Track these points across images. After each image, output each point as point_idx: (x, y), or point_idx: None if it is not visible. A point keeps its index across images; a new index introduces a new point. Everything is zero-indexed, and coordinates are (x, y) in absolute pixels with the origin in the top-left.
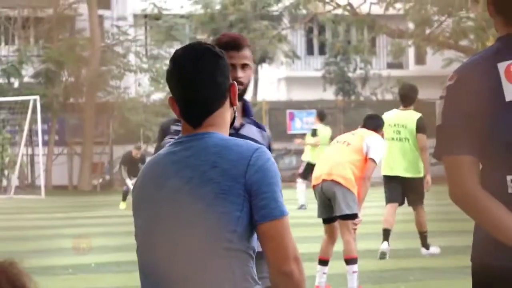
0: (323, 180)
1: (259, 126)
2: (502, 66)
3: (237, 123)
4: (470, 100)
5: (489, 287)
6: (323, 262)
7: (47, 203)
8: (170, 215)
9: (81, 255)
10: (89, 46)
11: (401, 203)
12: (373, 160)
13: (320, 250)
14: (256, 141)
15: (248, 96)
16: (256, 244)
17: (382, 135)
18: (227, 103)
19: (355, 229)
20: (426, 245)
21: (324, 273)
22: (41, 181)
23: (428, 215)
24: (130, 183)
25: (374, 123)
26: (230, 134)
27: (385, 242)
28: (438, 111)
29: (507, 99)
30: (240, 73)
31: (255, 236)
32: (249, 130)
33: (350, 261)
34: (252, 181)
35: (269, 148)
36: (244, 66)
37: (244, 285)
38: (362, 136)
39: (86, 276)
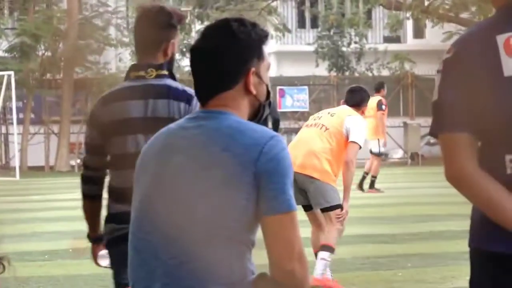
0: (296, 172)
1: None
2: (501, 39)
3: None
4: (468, 75)
5: (487, 274)
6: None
7: (22, 185)
8: (171, 192)
9: (57, 240)
10: (66, 19)
11: None
12: (354, 142)
13: (311, 243)
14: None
15: None
16: (256, 238)
17: (363, 112)
18: (239, 87)
19: (341, 221)
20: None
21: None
22: (15, 162)
23: (425, 198)
24: None
25: (356, 98)
26: None
27: None
28: (435, 86)
29: (506, 74)
30: None
31: (256, 229)
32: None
33: (323, 247)
34: (263, 170)
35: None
36: None
37: (240, 275)
38: (342, 117)
39: (63, 262)
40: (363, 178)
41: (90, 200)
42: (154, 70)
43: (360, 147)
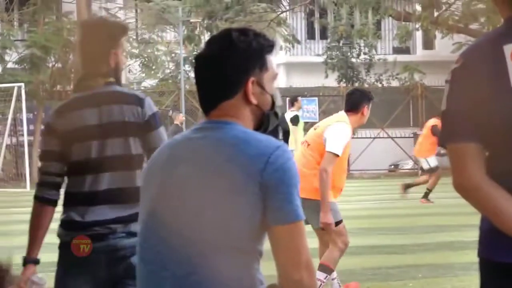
0: None
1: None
2: (508, 49)
3: None
4: (475, 85)
5: (495, 285)
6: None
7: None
8: (177, 203)
9: None
10: (76, 30)
11: None
12: (329, 152)
13: (319, 257)
14: None
15: None
16: (263, 248)
17: (363, 114)
18: (239, 97)
19: (339, 235)
20: None
21: (333, 279)
22: (26, 173)
23: (435, 209)
24: None
25: (352, 102)
26: None
27: None
28: (444, 96)
29: None
30: None
31: (263, 239)
32: None
33: (320, 266)
34: (269, 180)
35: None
36: None
37: (249, 285)
38: (322, 129)
39: None
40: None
41: (48, 208)
42: (101, 79)
43: (338, 155)
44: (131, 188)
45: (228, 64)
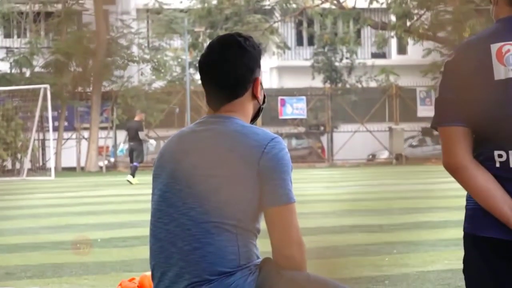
0: None
1: None
2: (494, 47)
3: None
4: (464, 76)
5: (479, 258)
6: None
7: (57, 184)
8: (186, 188)
9: (87, 231)
10: (95, 39)
11: None
12: None
13: None
14: None
15: None
16: (260, 226)
17: None
18: (248, 94)
19: None
20: None
21: None
22: (51, 164)
23: (409, 193)
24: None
25: None
26: None
27: None
28: (436, 85)
29: (496, 78)
30: None
31: (260, 218)
32: None
33: None
34: (264, 167)
35: None
36: None
37: (246, 259)
38: None
39: (93, 250)
40: None
41: None
42: None
43: None
44: None
45: (242, 66)
